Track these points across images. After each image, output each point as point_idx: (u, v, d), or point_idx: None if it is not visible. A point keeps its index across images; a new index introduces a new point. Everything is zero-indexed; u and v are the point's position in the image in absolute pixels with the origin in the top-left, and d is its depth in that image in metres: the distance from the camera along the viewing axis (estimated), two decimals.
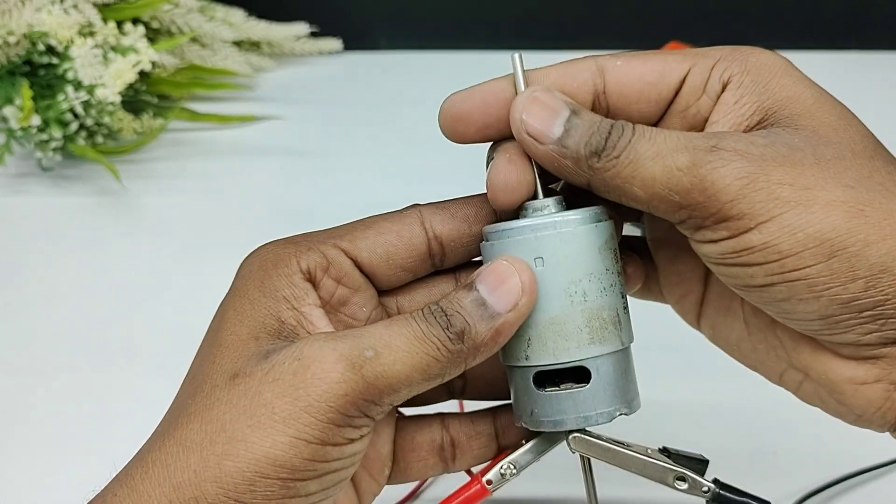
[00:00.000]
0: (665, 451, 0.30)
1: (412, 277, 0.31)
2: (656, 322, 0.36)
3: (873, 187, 0.26)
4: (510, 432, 0.33)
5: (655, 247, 0.33)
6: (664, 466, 0.30)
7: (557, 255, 0.28)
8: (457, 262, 0.32)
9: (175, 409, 0.29)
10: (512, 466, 0.31)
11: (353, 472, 0.28)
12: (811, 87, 0.28)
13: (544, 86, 0.29)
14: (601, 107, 0.29)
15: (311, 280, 0.30)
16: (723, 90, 0.28)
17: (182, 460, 0.26)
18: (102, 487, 0.28)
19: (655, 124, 0.29)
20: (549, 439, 0.31)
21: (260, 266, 0.30)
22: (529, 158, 0.29)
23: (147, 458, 0.27)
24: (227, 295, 0.30)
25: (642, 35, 0.82)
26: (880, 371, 0.27)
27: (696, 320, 0.33)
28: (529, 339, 0.28)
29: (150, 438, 0.28)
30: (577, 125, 0.27)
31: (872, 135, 0.28)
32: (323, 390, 0.26)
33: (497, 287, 0.27)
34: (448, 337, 0.27)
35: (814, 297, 0.26)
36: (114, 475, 0.28)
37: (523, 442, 0.31)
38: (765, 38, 0.83)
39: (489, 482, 0.31)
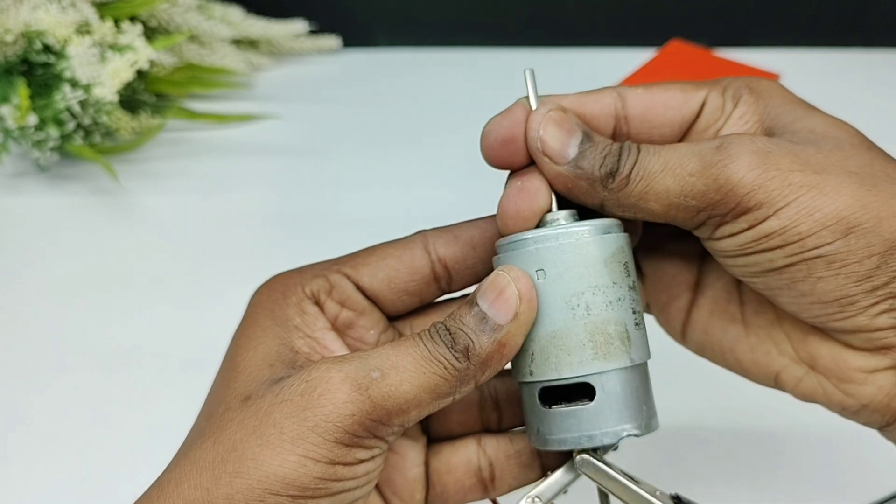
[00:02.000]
0: (677, 499, 0.29)
1: (419, 302, 0.32)
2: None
3: (875, 173, 0.27)
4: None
5: (642, 255, 0.34)
6: None
7: (558, 266, 0.27)
8: (465, 286, 0.32)
9: (192, 432, 0.29)
10: (538, 500, 0.29)
11: (367, 492, 0.28)
12: (802, 104, 0.30)
13: (558, 105, 0.29)
14: (622, 132, 0.30)
15: (317, 303, 0.30)
16: (734, 108, 0.30)
17: (194, 479, 0.26)
18: None
19: None
20: (574, 469, 0.29)
21: (269, 297, 0.31)
22: (541, 185, 0.29)
23: (163, 479, 0.27)
24: (240, 325, 0.31)
25: (643, 33, 0.82)
26: (891, 360, 0.27)
27: (682, 328, 0.33)
28: (533, 354, 0.27)
29: (169, 462, 0.29)
30: (590, 147, 0.28)
31: (864, 135, 0.29)
32: (329, 410, 0.26)
33: (495, 299, 0.27)
34: (454, 356, 0.27)
35: (832, 275, 0.26)
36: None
37: (548, 473, 0.30)
38: (766, 37, 0.83)
39: None
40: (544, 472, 0.31)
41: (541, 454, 0.32)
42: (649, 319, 0.31)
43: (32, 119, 0.62)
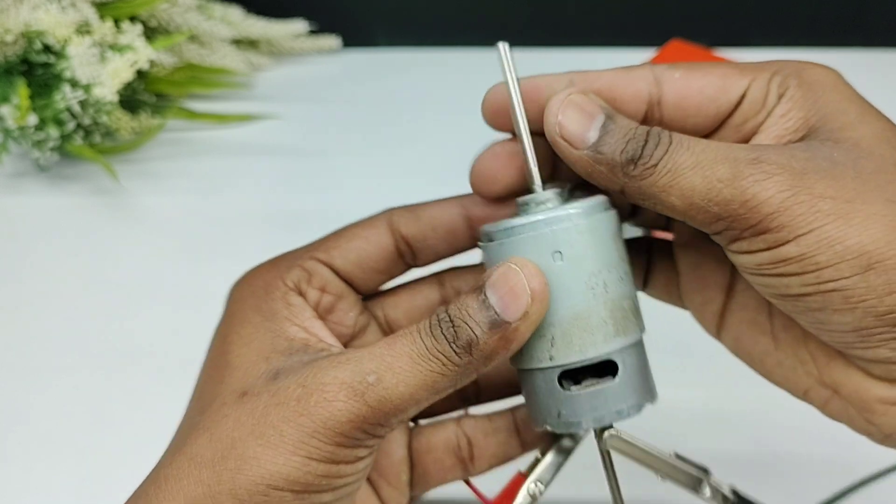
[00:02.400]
0: (679, 458, 0.30)
1: (388, 278, 0.33)
2: (663, 323, 0.36)
3: None
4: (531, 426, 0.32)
5: (680, 252, 0.33)
6: (691, 473, 0.29)
7: (576, 247, 0.27)
8: (428, 262, 0.33)
9: (183, 426, 0.29)
10: (540, 483, 0.30)
11: (364, 477, 0.28)
12: (857, 102, 0.28)
13: (579, 88, 0.29)
14: (654, 118, 0.29)
15: (300, 293, 0.31)
16: (777, 103, 0.28)
17: (194, 475, 0.26)
18: None
19: (708, 136, 0.29)
20: (564, 449, 0.30)
21: (252, 292, 0.31)
22: (518, 156, 0.29)
23: (160, 475, 0.27)
24: (223, 322, 0.31)
25: (643, 33, 0.82)
26: None
27: (717, 330, 0.32)
28: (553, 338, 0.27)
29: (161, 457, 0.29)
30: (612, 131, 0.27)
31: None
32: (326, 417, 0.26)
33: (506, 294, 0.26)
34: (454, 351, 0.26)
35: (849, 309, 0.25)
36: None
37: (538, 457, 0.30)
38: (766, 37, 0.83)
39: None
40: (523, 449, 0.32)
41: (519, 433, 0.32)
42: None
43: (32, 119, 0.62)
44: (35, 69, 0.65)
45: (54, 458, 0.47)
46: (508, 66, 0.28)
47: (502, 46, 0.29)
